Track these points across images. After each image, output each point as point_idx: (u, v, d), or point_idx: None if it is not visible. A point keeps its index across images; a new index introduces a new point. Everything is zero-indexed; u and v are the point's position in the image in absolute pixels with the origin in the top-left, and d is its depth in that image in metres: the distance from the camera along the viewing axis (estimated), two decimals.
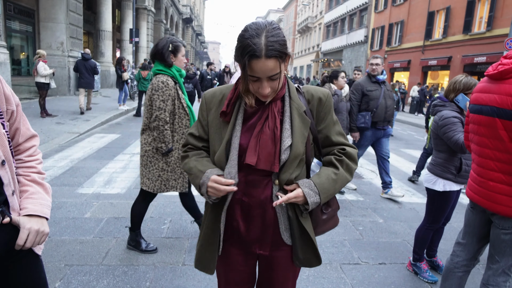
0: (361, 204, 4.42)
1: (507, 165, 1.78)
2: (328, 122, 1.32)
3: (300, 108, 1.25)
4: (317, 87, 1.36)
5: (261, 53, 1.06)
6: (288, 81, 1.31)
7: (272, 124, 1.21)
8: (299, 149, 1.22)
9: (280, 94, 1.25)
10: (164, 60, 2.67)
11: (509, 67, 1.75)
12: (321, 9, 43.20)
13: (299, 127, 1.23)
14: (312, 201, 1.21)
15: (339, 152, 1.32)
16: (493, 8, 16.82)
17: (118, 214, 3.58)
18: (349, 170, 1.30)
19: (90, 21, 18.96)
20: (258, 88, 1.15)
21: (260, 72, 1.10)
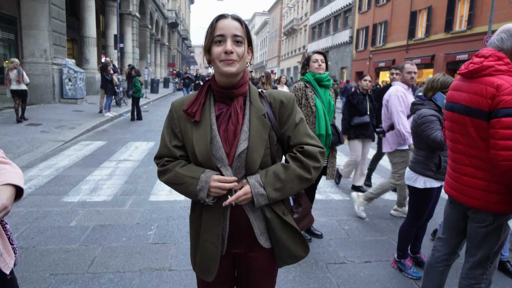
0: (347, 203, 4.47)
1: (479, 161, 1.83)
2: (290, 123, 1.33)
3: (259, 111, 1.28)
4: (280, 91, 1.38)
5: (228, 15, 1.23)
6: (250, 85, 1.35)
7: (235, 120, 1.26)
8: (257, 152, 1.24)
9: (243, 90, 1.29)
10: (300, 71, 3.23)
11: (478, 66, 1.79)
12: (306, 11, 43.54)
13: (257, 130, 1.26)
14: (256, 192, 1.21)
15: (296, 150, 1.31)
16: (473, 6, 17.21)
17: (104, 222, 3.56)
18: (303, 167, 1.27)
19: (74, 27, 18.75)
20: (222, 50, 1.19)
21: (226, 28, 1.20)
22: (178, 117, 1.33)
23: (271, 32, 63.93)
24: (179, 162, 1.32)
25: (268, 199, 1.24)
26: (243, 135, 1.25)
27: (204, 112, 1.28)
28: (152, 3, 30.63)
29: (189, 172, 1.27)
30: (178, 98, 1.38)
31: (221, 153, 1.25)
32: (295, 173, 1.26)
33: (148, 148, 7.07)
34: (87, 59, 16.76)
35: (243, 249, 1.34)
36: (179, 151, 1.33)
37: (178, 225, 3.55)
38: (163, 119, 11.89)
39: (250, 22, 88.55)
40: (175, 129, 1.33)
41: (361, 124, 4.74)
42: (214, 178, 1.22)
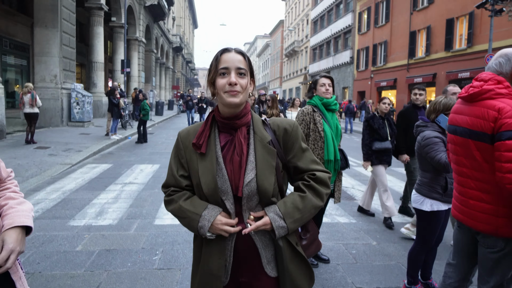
0: (353, 226, 4.43)
1: (484, 184, 1.80)
2: (296, 151, 1.35)
3: (264, 139, 1.31)
4: (284, 119, 1.41)
5: (232, 49, 1.29)
6: (253, 114, 1.38)
7: (239, 151, 1.28)
8: (267, 180, 1.25)
9: (246, 120, 1.32)
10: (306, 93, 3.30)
11: (478, 90, 1.81)
12: (306, 33, 44.37)
13: (264, 158, 1.28)
14: (277, 225, 1.23)
15: (308, 177, 1.34)
16: (472, 25, 17.45)
17: (109, 246, 3.56)
18: (318, 194, 1.31)
19: (83, 53, 19.27)
20: (226, 82, 1.24)
21: (230, 61, 1.25)
22: (184, 147, 1.35)
23: (272, 54, 64.98)
24: (184, 194, 1.34)
25: (288, 230, 1.26)
26: (249, 165, 1.27)
27: (209, 143, 1.31)
28: (157, 29, 31.44)
29: (192, 207, 1.29)
30: (184, 129, 1.42)
31: (226, 186, 1.27)
32: (312, 202, 1.29)
33: (153, 171, 7.12)
34: (95, 83, 17.11)
35: (248, 277, 1.33)
36: (185, 181, 1.35)
37: (183, 249, 3.54)
38: (168, 141, 11.99)
39: (252, 45, 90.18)
40: (181, 159, 1.36)
41: (382, 150, 4.55)
42: (220, 221, 1.24)
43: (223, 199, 1.28)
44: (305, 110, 3.12)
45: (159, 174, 6.82)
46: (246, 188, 1.25)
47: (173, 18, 43.29)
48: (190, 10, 62.05)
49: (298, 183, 1.35)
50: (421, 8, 21.58)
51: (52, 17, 12.45)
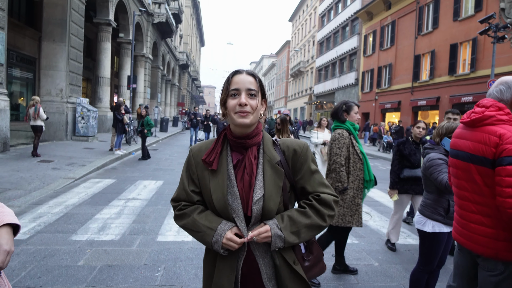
0: (355, 247, 4.40)
1: (485, 208, 1.84)
2: (304, 172, 1.37)
3: (273, 159, 1.33)
4: (294, 140, 1.44)
5: (243, 71, 1.32)
6: (264, 133, 1.40)
7: (249, 170, 1.31)
8: (273, 200, 1.28)
9: (257, 140, 1.35)
10: (338, 118, 3.41)
11: (480, 116, 1.86)
12: (312, 54, 45.02)
13: (272, 178, 1.30)
14: (275, 233, 1.25)
15: (312, 197, 1.35)
16: (475, 51, 17.69)
17: (111, 262, 3.55)
18: (319, 214, 1.32)
19: (90, 67, 19.61)
20: (237, 103, 1.27)
21: (240, 82, 1.28)
22: (196, 163, 1.38)
23: (278, 74, 65.78)
24: (196, 208, 1.36)
25: (285, 242, 1.26)
26: (257, 184, 1.29)
27: (221, 161, 1.34)
28: (165, 46, 32.04)
29: (207, 221, 1.31)
30: (196, 145, 1.44)
31: (237, 204, 1.29)
32: (311, 219, 1.30)
33: (156, 187, 7.13)
34: (100, 98, 17.33)
35: None
36: (196, 196, 1.37)
37: (186, 266, 3.52)
38: (172, 158, 12.04)
39: (258, 64, 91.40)
40: (192, 175, 1.39)
41: (411, 178, 4.24)
42: (227, 236, 1.26)
43: (234, 217, 1.29)
44: (343, 134, 3.32)
45: (163, 191, 6.82)
46: (255, 207, 1.27)
47: (181, 36, 44.17)
48: (198, 28, 63.32)
49: (300, 202, 1.38)
50: (426, 32, 21.94)
51: (60, 32, 12.74)
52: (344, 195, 3.21)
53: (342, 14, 35.02)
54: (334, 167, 3.21)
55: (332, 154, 3.25)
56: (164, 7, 25.43)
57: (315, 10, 44.21)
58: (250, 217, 1.30)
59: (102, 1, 16.42)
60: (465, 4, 18.94)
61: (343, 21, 34.72)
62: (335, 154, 3.22)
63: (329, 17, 38.95)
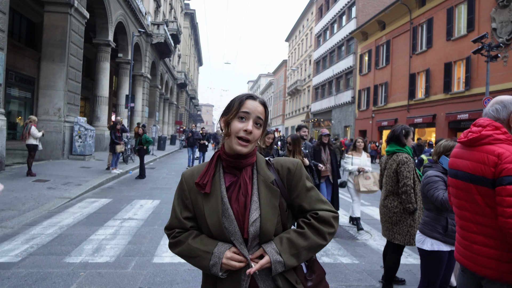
0: (356, 267, 4.32)
1: (487, 228, 1.80)
2: (299, 190, 1.35)
3: (267, 179, 1.31)
4: (287, 158, 1.43)
5: (257, 98, 1.33)
6: (257, 155, 1.40)
7: (244, 191, 1.29)
8: (270, 221, 1.25)
9: (251, 161, 1.34)
10: (399, 142, 3.59)
11: (476, 136, 1.86)
12: (309, 73, 45.61)
13: (267, 198, 1.28)
14: (274, 259, 1.21)
15: (310, 216, 1.32)
16: (469, 69, 17.97)
17: (105, 285, 3.44)
18: (318, 233, 1.29)
19: (88, 87, 19.75)
20: (243, 127, 1.26)
21: (252, 108, 1.28)
22: (189, 188, 1.35)
23: (275, 92, 66.40)
24: (191, 233, 1.33)
25: (285, 266, 1.23)
26: (253, 204, 1.27)
27: (214, 183, 1.32)
28: (163, 66, 32.39)
29: (202, 245, 1.27)
30: (188, 169, 1.42)
31: (234, 226, 1.26)
32: (310, 240, 1.27)
33: (153, 207, 7.04)
34: (98, 117, 17.34)
35: None
36: (189, 223, 1.35)
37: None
38: (169, 176, 11.96)
39: (256, 83, 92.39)
40: (185, 200, 1.36)
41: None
42: (226, 255, 1.23)
43: (232, 239, 1.26)
44: (409, 158, 3.53)
45: (159, 210, 6.74)
46: (252, 228, 1.24)
47: (179, 56, 44.73)
48: (196, 48, 64.23)
49: (299, 221, 1.35)
50: (420, 52, 22.32)
51: (60, 52, 12.84)
52: (414, 216, 3.40)
53: (337, 34, 35.70)
54: (405, 189, 3.37)
55: (402, 177, 3.42)
56: (163, 28, 25.84)
57: (311, 31, 45.08)
58: (247, 239, 1.26)
59: (102, 23, 16.67)
60: (458, 24, 19.37)
61: (338, 41, 35.35)
62: (406, 177, 3.40)
63: (325, 37, 39.66)
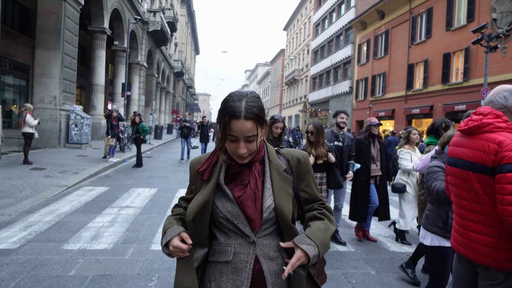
0: (352, 255, 4.36)
1: (485, 217, 1.81)
2: (308, 180, 1.41)
3: (280, 167, 1.34)
4: (296, 150, 1.46)
5: (241, 114, 1.17)
6: (267, 144, 1.40)
7: (253, 186, 1.28)
8: (286, 206, 1.27)
9: (259, 157, 1.33)
10: (438, 135, 3.63)
11: (477, 124, 1.85)
12: (306, 63, 45.38)
13: (281, 185, 1.30)
14: (313, 255, 1.23)
15: (319, 207, 1.41)
16: (467, 60, 17.93)
17: (104, 271, 3.46)
18: (332, 221, 1.38)
19: (84, 75, 19.52)
20: (235, 148, 1.22)
21: (239, 131, 1.19)
22: (195, 175, 1.40)
23: (273, 82, 66.12)
24: (178, 210, 1.43)
25: (319, 257, 1.26)
26: (266, 191, 1.29)
27: (214, 172, 1.33)
28: (159, 54, 32.08)
29: (166, 222, 1.36)
30: (196, 157, 1.45)
31: (236, 210, 1.27)
32: (331, 229, 1.35)
33: (150, 195, 7.04)
34: (94, 105, 17.22)
35: None
36: (185, 203, 1.44)
37: None
38: (166, 165, 11.94)
39: (253, 72, 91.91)
40: (191, 186, 1.42)
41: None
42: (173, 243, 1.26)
43: (236, 223, 1.28)
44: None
45: (157, 199, 6.74)
46: (265, 214, 1.26)
47: (175, 44, 44.29)
48: (193, 36, 63.60)
49: (313, 213, 1.38)
50: (419, 42, 22.22)
51: (54, 39, 12.65)
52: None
53: (336, 23, 35.42)
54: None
55: None
56: (159, 16, 25.50)
57: (310, 19, 44.70)
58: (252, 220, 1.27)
59: (97, 9, 16.40)
60: (458, 14, 19.25)
61: (337, 30, 35.10)
62: None
63: (323, 26, 39.36)
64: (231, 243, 1.29)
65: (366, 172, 4.74)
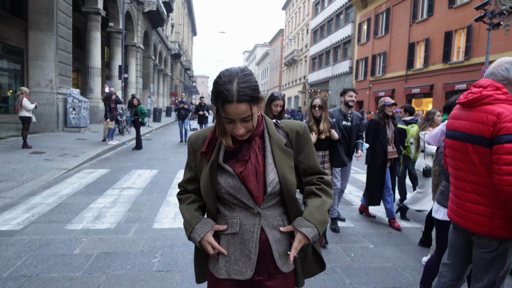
0: (351, 230, 4.44)
1: (481, 187, 1.86)
2: (307, 153, 1.42)
3: (280, 142, 1.34)
4: (295, 122, 1.44)
5: (233, 98, 1.14)
6: (266, 118, 1.39)
7: (254, 161, 1.29)
8: (289, 180, 1.30)
9: (258, 132, 1.33)
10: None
11: (477, 96, 1.88)
12: (306, 43, 44.79)
13: (283, 159, 1.32)
14: (313, 236, 1.30)
15: (317, 181, 1.43)
16: (469, 38, 17.72)
17: (107, 249, 3.52)
18: (329, 195, 1.41)
19: (79, 58, 19.25)
20: (232, 129, 1.23)
21: (233, 114, 1.17)
22: (194, 151, 1.40)
23: (272, 63, 65.44)
24: (189, 197, 1.45)
25: (319, 235, 1.33)
26: (268, 166, 1.30)
27: (214, 150, 1.34)
28: (156, 35, 31.60)
29: (188, 216, 1.39)
30: (193, 133, 1.44)
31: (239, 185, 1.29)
32: (328, 204, 1.38)
33: (151, 176, 7.08)
34: (91, 88, 17.08)
35: (265, 275, 1.35)
36: (191, 186, 1.45)
37: (183, 252, 3.52)
38: (165, 147, 11.96)
39: (252, 53, 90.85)
40: (191, 163, 1.42)
41: None
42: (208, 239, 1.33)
43: (239, 197, 1.30)
44: None
45: (157, 180, 6.78)
46: (269, 188, 1.28)
47: (172, 25, 43.56)
48: (189, 17, 62.50)
49: (312, 188, 1.41)
50: (420, 20, 21.88)
51: (47, 21, 12.41)
52: None
53: (336, 1, 34.78)
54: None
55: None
56: None
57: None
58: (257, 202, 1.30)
59: None
60: None
61: (337, 9, 34.49)
62: None
63: (323, 5, 38.65)
64: (236, 215, 1.33)
65: (383, 155, 4.63)
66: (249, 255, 1.31)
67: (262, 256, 1.32)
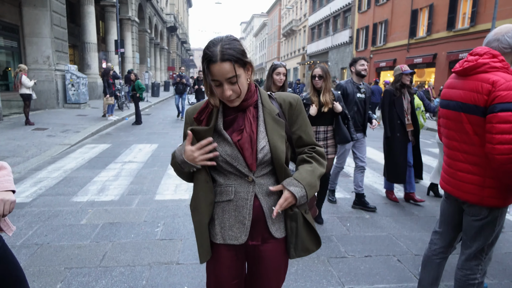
0: (348, 201, 4.58)
1: (473, 156, 1.88)
2: (300, 123, 1.47)
3: (273, 112, 1.40)
4: (289, 93, 1.50)
5: (217, 58, 1.22)
6: (259, 89, 1.44)
7: (249, 129, 1.36)
8: (279, 148, 1.36)
9: (252, 101, 1.39)
10: None
11: (472, 64, 1.85)
12: (304, 12, 43.70)
13: (274, 128, 1.38)
14: (300, 196, 1.33)
15: (309, 150, 1.47)
16: (476, 3, 17.05)
17: (113, 220, 3.69)
18: (320, 164, 1.45)
19: (75, 34, 18.94)
20: (221, 92, 1.28)
21: (218, 74, 1.24)
22: (191, 123, 1.44)
23: (270, 34, 64.13)
24: None
25: (307, 198, 1.37)
26: (260, 134, 1.36)
27: (211, 118, 1.38)
28: (150, 8, 30.86)
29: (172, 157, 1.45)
30: (191, 106, 1.50)
31: (236, 152, 1.34)
32: (319, 171, 1.42)
33: (151, 150, 7.21)
34: (89, 64, 16.94)
35: (259, 241, 1.43)
36: None
37: (184, 222, 3.69)
38: (165, 122, 12.04)
39: (249, 24, 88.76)
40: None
41: None
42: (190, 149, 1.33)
43: (235, 165, 1.36)
44: None
45: (158, 153, 6.92)
46: (260, 155, 1.34)
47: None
48: None
49: (303, 156, 1.46)
50: None
51: None
52: None
53: None
54: None
55: None
56: None
57: None
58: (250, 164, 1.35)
59: None
60: None
61: None
62: None
63: None
64: (231, 183, 1.39)
65: (401, 127, 4.35)
66: (243, 221, 1.38)
67: (255, 222, 1.39)
